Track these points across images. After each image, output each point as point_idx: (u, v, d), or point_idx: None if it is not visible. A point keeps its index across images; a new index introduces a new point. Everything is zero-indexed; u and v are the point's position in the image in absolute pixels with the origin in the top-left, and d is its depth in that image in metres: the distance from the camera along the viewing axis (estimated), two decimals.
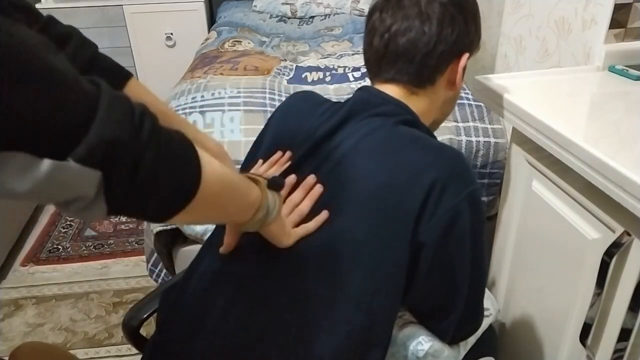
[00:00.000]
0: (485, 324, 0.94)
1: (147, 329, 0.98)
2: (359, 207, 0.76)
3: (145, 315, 0.97)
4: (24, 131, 0.42)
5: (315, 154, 0.82)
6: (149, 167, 0.49)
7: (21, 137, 0.42)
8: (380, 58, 0.84)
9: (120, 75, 0.84)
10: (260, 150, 0.95)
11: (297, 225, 0.78)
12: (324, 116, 0.86)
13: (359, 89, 0.88)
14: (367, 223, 0.75)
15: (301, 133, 0.86)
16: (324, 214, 0.77)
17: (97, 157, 0.45)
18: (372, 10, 0.85)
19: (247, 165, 0.98)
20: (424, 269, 0.76)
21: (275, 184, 0.74)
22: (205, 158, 0.56)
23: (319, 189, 0.79)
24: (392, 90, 0.84)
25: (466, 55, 0.83)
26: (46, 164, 0.43)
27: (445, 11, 0.80)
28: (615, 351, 0.89)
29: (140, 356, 0.88)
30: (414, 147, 0.78)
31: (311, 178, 0.81)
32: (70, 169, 0.44)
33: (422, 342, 0.85)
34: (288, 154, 0.87)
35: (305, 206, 0.79)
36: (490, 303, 1.04)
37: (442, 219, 0.74)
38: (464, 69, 0.85)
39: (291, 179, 0.82)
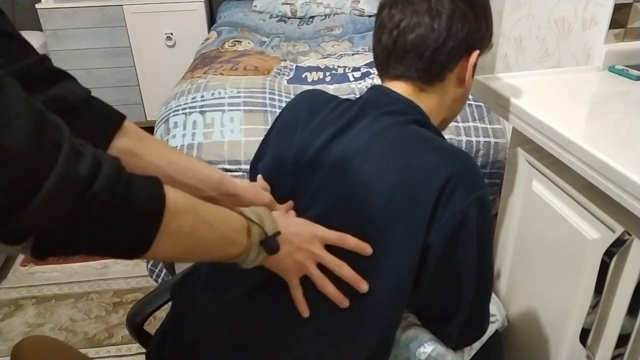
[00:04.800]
0: (491, 329, 0.92)
1: (147, 328, 0.98)
2: (374, 211, 0.75)
3: (149, 311, 0.98)
4: None
5: (325, 154, 0.81)
6: (81, 245, 0.48)
7: None
8: (389, 54, 0.83)
9: (114, 119, 0.80)
10: (267, 149, 0.94)
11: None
12: (334, 113, 0.85)
13: (371, 87, 0.88)
14: (383, 228, 0.74)
15: (310, 131, 0.85)
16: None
17: (24, 240, 0.45)
18: (382, 7, 0.84)
19: (255, 166, 0.98)
20: (430, 272, 0.75)
21: (270, 247, 0.69)
22: (171, 223, 0.55)
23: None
24: (401, 87, 0.83)
25: (476, 52, 0.82)
26: None
27: (455, 7, 0.79)
28: (615, 357, 0.89)
29: (139, 356, 0.88)
30: (426, 148, 0.77)
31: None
32: None
33: (426, 345, 0.84)
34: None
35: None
36: (496, 309, 1.03)
37: (450, 221, 0.73)
38: (475, 66, 0.83)
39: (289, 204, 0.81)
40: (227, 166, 1.50)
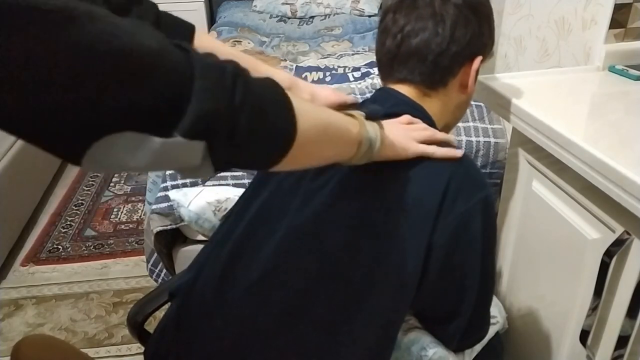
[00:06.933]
0: (491, 331, 0.92)
1: (147, 328, 0.98)
2: (380, 209, 0.75)
3: (149, 311, 0.98)
4: (123, 113, 0.43)
5: None
6: (244, 129, 0.50)
7: (122, 118, 0.43)
8: (393, 58, 0.83)
9: (187, 30, 0.82)
10: None
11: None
12: None
13: (378, 89, 0.88)
14: (390, 228, 0.75)
15: None
16: (454, 152, 0.77)
17: (200, 129, 0.46)
18: (386, 12, 0.84)
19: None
20: (433, 273, 0.76)
21: (373, 114, 0.71)
22: (299, 106, 0.57)
23: None
24: (405, 90, 0.83)
25: (479, 58, 0.82)
26: (154, 142, 0.45)
27: (459, 13, 0.79)
28: (615, 358, 0.89)
29: (139, 356, 0.89)
30: None
31: None
32: (177, 143, 0.46)
33: (427, 348, 0.84)
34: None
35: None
36: (497, 310, 1.03)
37: (454, 222, 0.73)
38: (477, 72, 0.84)
39: None
40: None
